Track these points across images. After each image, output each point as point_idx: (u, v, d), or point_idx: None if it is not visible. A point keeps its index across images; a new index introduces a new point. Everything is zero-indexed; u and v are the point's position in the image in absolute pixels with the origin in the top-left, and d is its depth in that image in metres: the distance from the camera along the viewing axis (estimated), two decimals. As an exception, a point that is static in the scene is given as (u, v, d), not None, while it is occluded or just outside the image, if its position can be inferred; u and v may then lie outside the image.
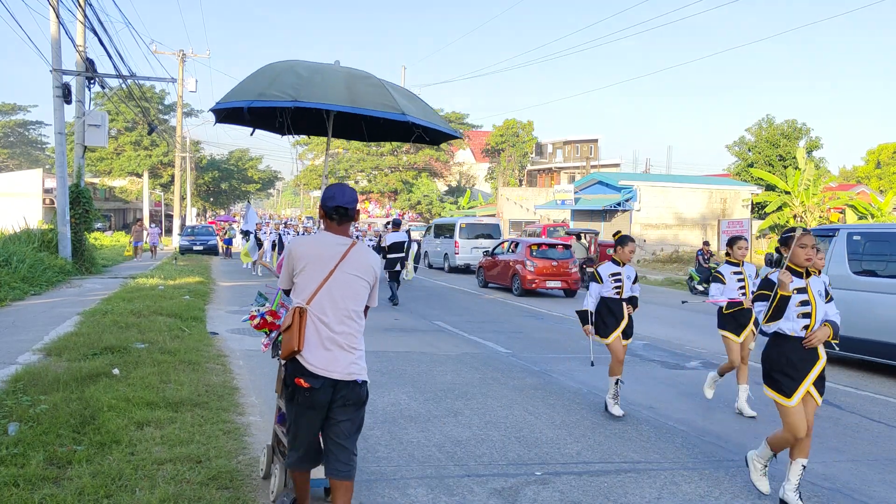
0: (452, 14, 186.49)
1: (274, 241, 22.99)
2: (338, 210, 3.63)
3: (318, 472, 4.02)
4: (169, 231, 57.66)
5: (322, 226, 3.73)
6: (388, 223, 19.86)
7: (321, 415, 3.54)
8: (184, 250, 32.51)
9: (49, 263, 17.21)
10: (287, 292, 3.79)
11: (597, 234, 25.21)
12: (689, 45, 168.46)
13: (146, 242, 30.71)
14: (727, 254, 7.13)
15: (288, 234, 24.23)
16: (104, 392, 6.11)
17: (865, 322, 9.54)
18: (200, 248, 33.15)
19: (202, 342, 9.16)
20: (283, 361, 3.67)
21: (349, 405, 3.54)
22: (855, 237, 10.20)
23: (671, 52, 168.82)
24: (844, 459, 5.83)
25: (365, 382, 3.60)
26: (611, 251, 7.11)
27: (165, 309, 11.34)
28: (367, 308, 3.72)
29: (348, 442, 3.57)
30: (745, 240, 7.15)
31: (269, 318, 4.34)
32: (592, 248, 23.65)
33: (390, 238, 15.95)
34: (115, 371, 6.92)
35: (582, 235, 24.63)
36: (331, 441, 3.58)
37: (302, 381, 3.46)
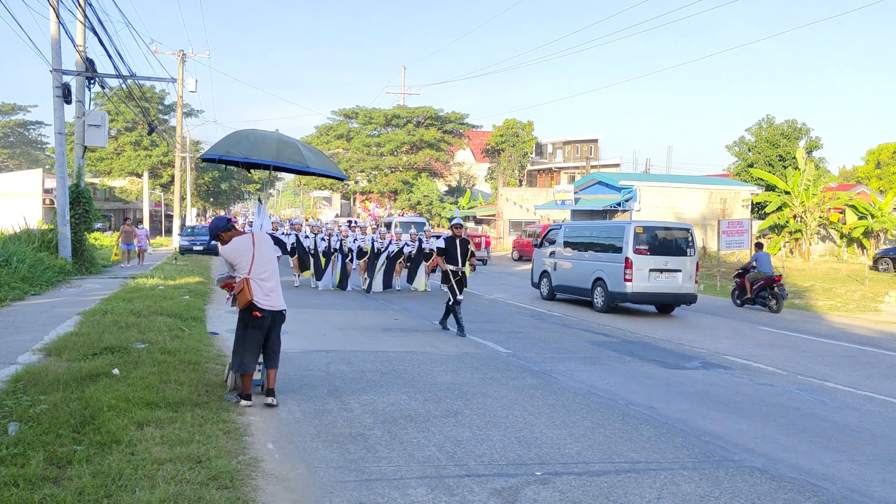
0: (452, 14, 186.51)
1: (293, 244, 18.57)
2: (226, 228, 6.62)
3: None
4: (169, 231, 57.66)
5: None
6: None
7: (264, 334, 6.44)
8: (184, 250, 32.47)
9: (49, 263, 17.19)
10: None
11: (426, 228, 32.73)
12: (689, 44, 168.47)
13: (136, 247, 25.07)
14: None
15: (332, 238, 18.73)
16: (104, 392, 6.10)
17: (570, 275, 16.72)
18: (200, 248, 33.11)
19: (202, 342, 9.15)
20: (239, 308, 6.41)
21: (279, 324, 6.56)
22: (567, 227, 17.69)
23: (671, 52, 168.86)
24: (844, 459, 5.83)
25: (285, 310, 6.62)
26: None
27: (165, 309, 11.34)
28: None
29: (277, 347, 6.61)
30: None
31: (229, 281, 6.67)
32: None
33: (442, 242, 12.50)
34: (115, 371, 6.92)
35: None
36: (270, 349, 6.56)
37: (258, 313, 6.35)
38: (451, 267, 11.64)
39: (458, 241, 11.94)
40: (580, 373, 8.81)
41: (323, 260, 18.49)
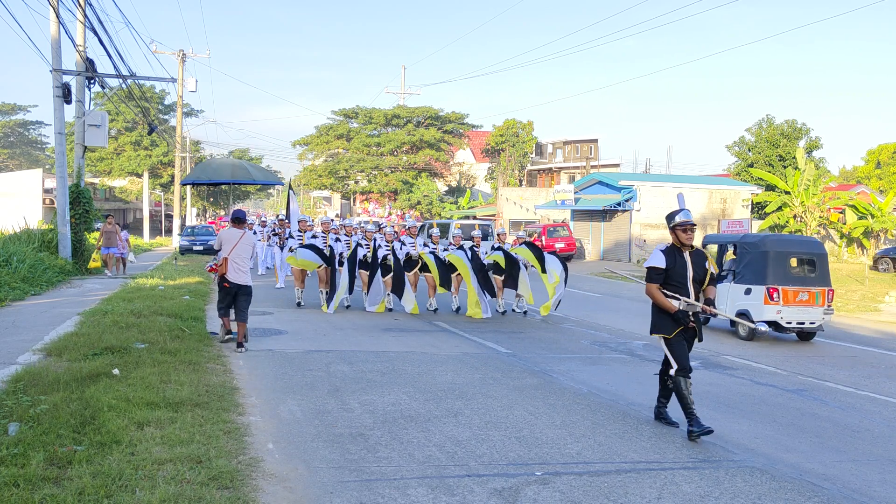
0: (452, 14, 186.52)
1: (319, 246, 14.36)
2: (239, 219, 9.57)
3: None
4: (169, 231, 57.64)
5: (230, 224, 9.75)
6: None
7: (231, 296, 9.30)
8: (184, 250, 32.47)
9: (49, 263, 17.18)
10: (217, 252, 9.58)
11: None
12: (689, 45, 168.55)
13: (119, 253, 20.49)
14: None
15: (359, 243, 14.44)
16: (104, 392, 6.10)
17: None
18: (200, 248, 33.12)
19: (202, 342, 9.15)
20: (217, 277, 9.39)
21: (244, 294, 9.33)
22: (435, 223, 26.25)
23: (671, 53, 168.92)
24: (844, 459, 5.83)
25: (251, 286, 9.42)
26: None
27: (165, 309, 11.34)
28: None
29: (244, 307, 9.34)
30: None
31: (214, 266, 9.47)
32: None
33: (661, 257, 6.32)
34: (116, 371, 6.92)
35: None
36: (238, 308, 9.35)
37: (226, 283, 9.20)
38: (677, 304, 6.19)
39: (688, 256, 6.26)
40: (580, 373, 8.81)
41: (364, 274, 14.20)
